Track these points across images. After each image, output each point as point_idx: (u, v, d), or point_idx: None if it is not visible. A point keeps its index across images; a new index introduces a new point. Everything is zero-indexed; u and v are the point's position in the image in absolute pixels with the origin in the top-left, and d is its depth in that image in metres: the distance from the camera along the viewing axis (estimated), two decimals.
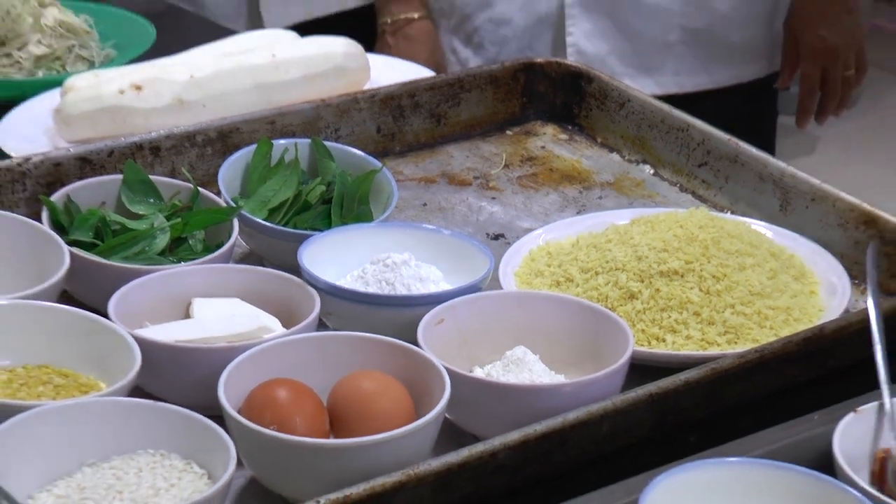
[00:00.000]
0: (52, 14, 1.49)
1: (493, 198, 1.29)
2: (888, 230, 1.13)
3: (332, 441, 0.81)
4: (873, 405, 0.84)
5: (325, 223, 1.11)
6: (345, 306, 0.97)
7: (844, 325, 0.98)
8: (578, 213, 1.21)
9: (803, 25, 1.81)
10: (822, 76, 1.84)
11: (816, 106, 1.87)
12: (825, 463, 0.80)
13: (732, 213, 1.20)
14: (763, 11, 1.83)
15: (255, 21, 1.92)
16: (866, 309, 0.98)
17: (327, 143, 1.20)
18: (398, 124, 1.34)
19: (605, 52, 1.78)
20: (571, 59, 1.71)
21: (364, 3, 1.94)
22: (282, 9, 1.92)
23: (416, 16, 1.84)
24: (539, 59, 1.45)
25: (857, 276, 1.08)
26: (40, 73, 1.45)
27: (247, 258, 1.10)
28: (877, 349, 0.91)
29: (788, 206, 1.21)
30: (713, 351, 1.00)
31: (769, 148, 1.83)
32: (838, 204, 1.16)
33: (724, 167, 1.27)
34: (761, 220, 1.19)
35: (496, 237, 1.19)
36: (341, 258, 1.04)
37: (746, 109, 1.87)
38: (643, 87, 1.70)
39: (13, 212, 1.11)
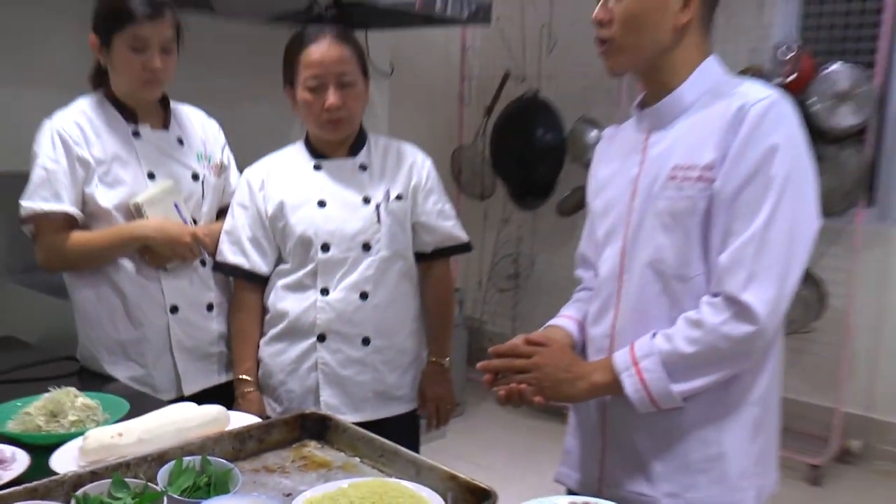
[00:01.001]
0: (81, 400, 1.56)
1: (286, 477, 1.30)
2: (462, 485, 1.18)
3: None
4: None
5: (206, 496, 1.17)
6: None
7: None
8: (325, 482, 1.23)
9: (424, 385, 2.09)
10: (436, 408, 2.09)
11: (435, 421, 2.10)
12: None
13: (397, 478, 1.23)
14: (412, 383, 2.05)
15: (179, 391, 2.00)
16: None
17: (209, 458, 1.25)
18: (242, 445, 1.38)
19: (340, 404, 1.98)
20: (323, 409, 1.80)
21: (229, 380, 2.07)
22: (192, 385, 2.02)
23: (251, 389, 2.01)
24: (308, 410, 1.46)
25: None
26: (73, 430, 1.49)
27: None
28: None
29: (420, 472, 1.24)
30: None
31: (416, 443, 2.06)
32: (441, 471, 1.22)
33: (391, 457, 1.32)
34: (409, 480, 1.21)
35: (287, 494, 1.23)
36: None
37: (406, 425, 2.07)
38: (357, 417, 1.90)
39: (58, 502, 1.14)
